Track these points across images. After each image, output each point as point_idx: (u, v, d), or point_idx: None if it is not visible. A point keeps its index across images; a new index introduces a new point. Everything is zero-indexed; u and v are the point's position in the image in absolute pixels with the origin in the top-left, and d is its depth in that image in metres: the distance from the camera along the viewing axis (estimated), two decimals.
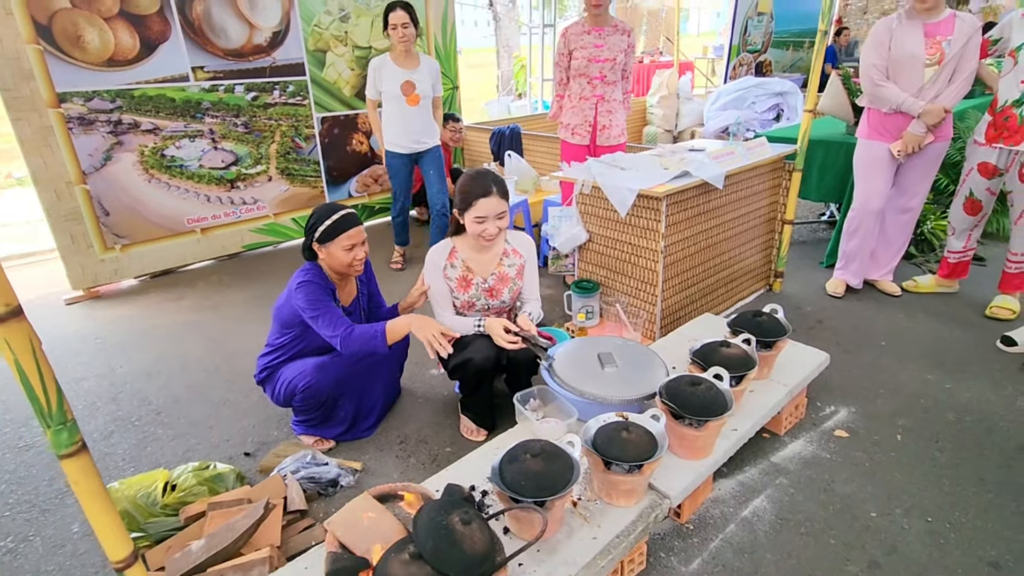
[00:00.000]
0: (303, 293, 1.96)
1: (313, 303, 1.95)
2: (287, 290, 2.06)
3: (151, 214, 3.85)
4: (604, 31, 3.12)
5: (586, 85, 3.22)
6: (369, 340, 1.96)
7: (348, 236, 1.98)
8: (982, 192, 2.84)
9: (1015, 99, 2.58)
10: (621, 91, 3.29)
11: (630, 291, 2.74)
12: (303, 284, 1.97)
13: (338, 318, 1.97)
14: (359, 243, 2.02)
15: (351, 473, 2.01)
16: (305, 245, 2.06)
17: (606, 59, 3.11)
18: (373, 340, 1.96)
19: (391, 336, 1.97)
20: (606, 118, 3.24)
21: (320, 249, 2.01)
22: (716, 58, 10.72)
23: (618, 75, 3.21)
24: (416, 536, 1.10)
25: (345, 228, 1.98)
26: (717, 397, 1.65)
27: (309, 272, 2.02)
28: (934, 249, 3.75)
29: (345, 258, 2.00)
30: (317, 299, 1.96)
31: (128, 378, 2.76)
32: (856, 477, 1.94)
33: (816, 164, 3.58)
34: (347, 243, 1.98)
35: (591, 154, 3.30)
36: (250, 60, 4.02)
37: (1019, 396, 2.33)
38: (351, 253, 2.00)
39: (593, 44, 3.12)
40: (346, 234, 1.98)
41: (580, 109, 3.26)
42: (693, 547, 1.70)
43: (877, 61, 2.77)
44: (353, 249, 2.00)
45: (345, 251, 1.99)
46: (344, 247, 1.98)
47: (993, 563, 1.60)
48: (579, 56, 3.15)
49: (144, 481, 1.83)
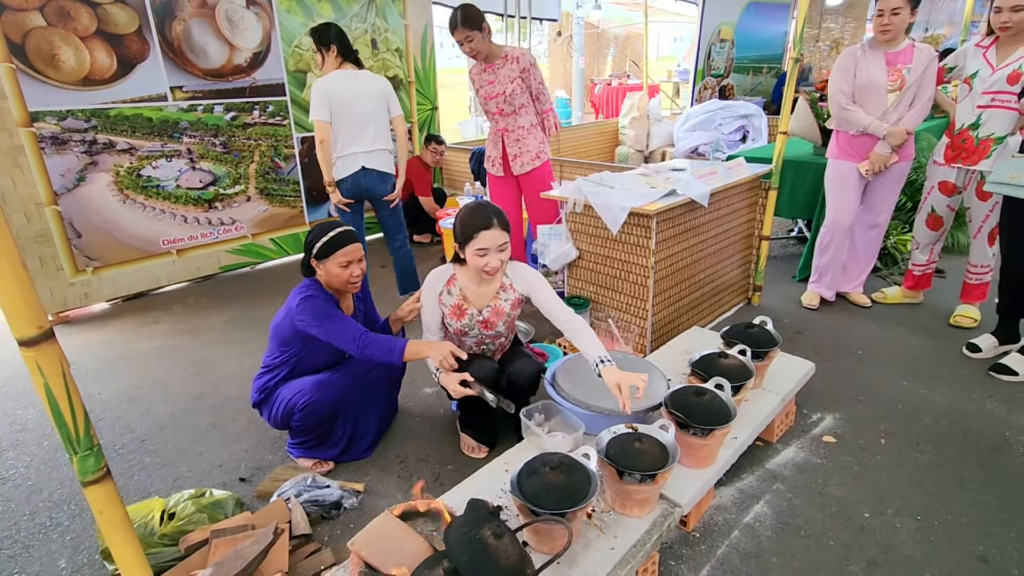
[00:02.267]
0: (308, 307, 1.95)
1: (320, 314, 1.95)
2: (286, 308, 2.05)
3: (125, 236, 3.74)
4: (495, 66, 3.08)
5: (490, 120, 3.24)
6: (387, 351, 1.94)
7: (345, 253, 2.00)
8: (943, 209, 3.03)
9: (971, 123, 2.78)
10: (531, 115, 3.17)
11: (621, 306, 2.80)
12: (306, 299, 1.97)
13: (351, 323, 1.97)
14: (355, 260, 2.04)
15: (354, 495, 1.98)
16: (304, 261, 2.09)
17: (497, 93, 3.07)
18: (391, 353, 1.94)
19: (409, 355, 1.96)
20: (514, 147, 3.19)
21: (318, 266, 2.03)
22: (681, 81, 11.11)
23: (516, 104, 3.10)
24: (450, 551, 1.11)
25: (342, 245, 2.00)
26: (721, 407, 1.71)
27: (310, 287, 2.02)
28: (897, 263, 3.96)
29: (342, 275, 2.02)
30: (323, 310, 1.96)
31: (107, 405, 2.65)
32: (847, 480, 2.02)
33: (788, 183, 3.76)
34: (343, 260, 2.00)
35: (514, 184, 3.32)
36: (230, 80, 3.99)
37: (987, 399, 2.48)
38: (347, 270, 2.02)
39: (487, 81, 3.12)
40: (343, 251, 2.00)
41: (493, 143, 3.29)
42: (701, 554, 1.73)
43: (844, 87, 2.95)
44: (349, 266, 2.02)
45: (341, 268, 2.01)
46: (340, 263, 2.00)
47: (981, 557, 1.69)
48: (480, 94, 3.18)
49: (140, 511, 1.77)
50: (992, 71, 2.68)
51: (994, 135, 2.74)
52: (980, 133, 2.77)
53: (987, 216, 2.87)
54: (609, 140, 7.24)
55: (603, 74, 13.02)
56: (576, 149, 6.60)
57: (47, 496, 2.08)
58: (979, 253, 2.97)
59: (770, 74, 9.28)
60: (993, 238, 2.92)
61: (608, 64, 13.56)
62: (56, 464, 2.25)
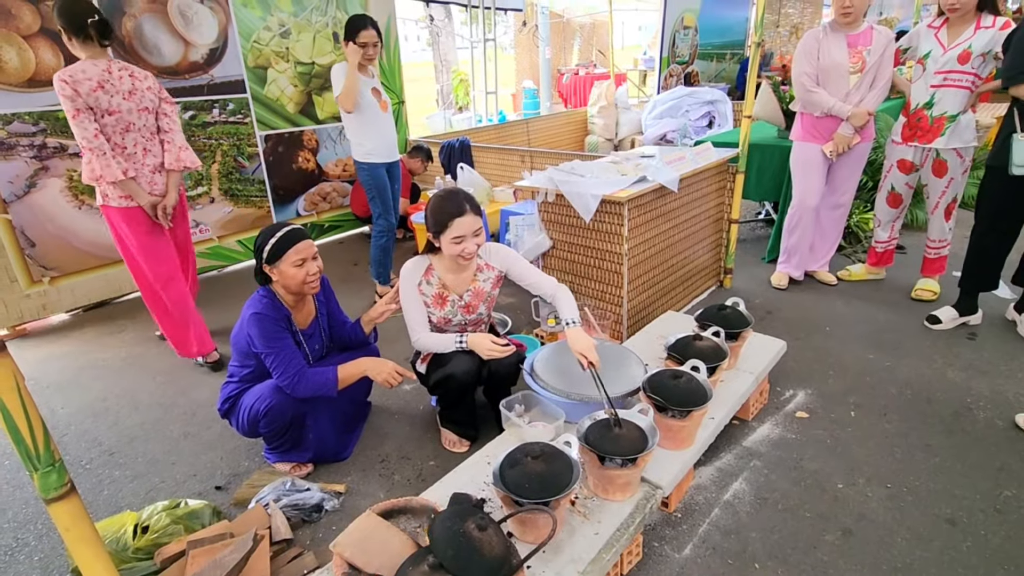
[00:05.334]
0: (256, 327, 1.89)
1: (266, 339, 1.89)
2: (241, 319, 1.98)
3: (82, 243, 3.59)
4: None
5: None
6: (320, 387, 1.93)
7: (296, 251, 1.91)
8: (902, 186, 3.13)
9: (925, 102, 2.87)
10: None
11: (596, 294, 2.82)
12: (254, 316, 1.90)
13: (289, 360, 1.91)
14: (309, 257, 1.94)
15: (335, 496, 1.95)
16: (256, 269, 1.98)
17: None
18: (324, 387, 1.93)
19: (343, 381, 1.96)
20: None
21: (271, 270, 1.93)
22: (647, 69, 11.19)
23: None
24: (435, 546, 1.10)
25: (292, 243, 1.90)
26: (698, 388, 1.74)
27: (261, 302, 1.93)
28: (860, 241, 4.08)
29: (298, 275, 1.92)
30: (269, 335, 1.89)
31: (71, 419, 2.56)
32: (821, 454, 2.08)
33: (754, 166, 3.82)
34: (296, 259, 1.90)
35: None
36: (186, 78, 3.85)
37: (948, 368, 2.57)
38: (303, 269, 1.92)
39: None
40: (294, 249, 1.90)
41: None
42: (683, 534, 1.76)
43: (808, 69, 3.01)
44: (304, 264, 1.93)
45: (296, 268, 1.91)
46: (294, 263, 1.90)
47: (949, 520, 1.76)
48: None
49: (111, 526, 1.71)
50: (944, 51, 2.76)
51: (947, 113, 2.82)
52: (934, 112, 2.86)
53: (943, 192, 2.97)
54: (578, 129, 7.26)
55: (570, 64, 13.03)
56: (546, 139, 6.59)
57: (12, 516, 1.99)
58: (937, 228, 3.07)
59: (733, 60, 9.42)
60: (949, 213, 3.03)
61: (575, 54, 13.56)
62: (19, 483, 2.16)
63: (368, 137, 3.39)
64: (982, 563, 1.61)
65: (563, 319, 1.99)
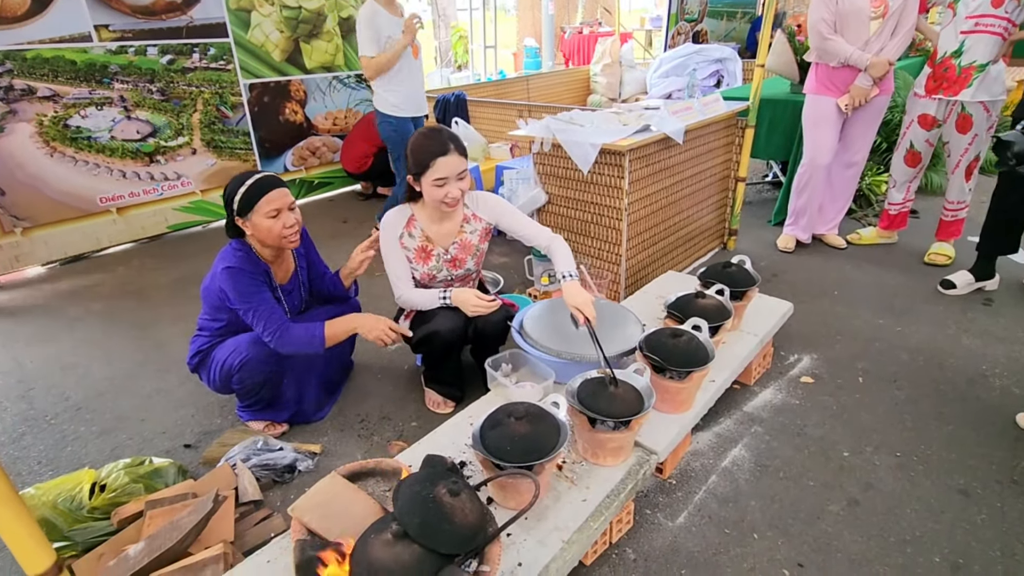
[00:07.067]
0: (229, 282, 1.72)
1: (242, 295, 1.72)
2: (212, 271, 1.80)
3: (55, 193, 3.42)
4: None
5: None
6: (306, 343, 1.78)
7: (268, 200, 1.70)
8: (921, 144, 2.93)
9: (954, 50, 2.65)
10: None
11: (593, 252, 2.66)
12: (228, 271, 1.72)
13: (270, 313, 1.75)
14: (285, 208, 1.74)
15: (309, 457, 1.84)
16: (227, 223, 1.79)
17: None
18: (310, 343, 1.78)
19: (331, 339, 1.80)
20: None
21: (244, 223, 1.74)
22: (653, 29, 10.75)
23: None
24: (399, 512, 0.98)
25: (264, 192, 1.70)
26: (699, 348, 1.60)
27: (236, 255, 1.74)
28: (872, 204, 3.90)
29: (273, 228, 1.72)
30: (246, 290, 1.73)
31: (40, 373, 2.44)
32: (826, 420, 1.96)
33: (764, 122, 3.61)
34: (270, 209, 1.70)
35: None
36: (163, 19, 3.61)
37: (962, 334, 2.44)
38: (278, 221, 1.73)
39: None
40: (266, 198, 1.70)
41: None
42: (678, 501, 1.65)
43: (826, 15, 2.78)
44: (279, 215, 1.73)
45: (270, 219, 1.71)
46: (268, 214, 1.71)
47: (962, 491, 1.65)
48: None
49: (66, 484, 1.60)
50: None
51: (976, 62, 2.62)
52: (962, 61, 2.65)
53: (966, 150, 2.79)
54: (580, 88, 6.96)
55: (573, 21, 12.53)
56: (546, 97, 6.32)
57: None
58: (956, 189, 2.90)
59: (744, 19, 9.01)
60: (970, 173, 2.85)
61: (579, 12, 13.04)
62: None
63: (395, 88, 3.05)
64: (997, 536, 1.50)
65: (559, 272, 1.84)
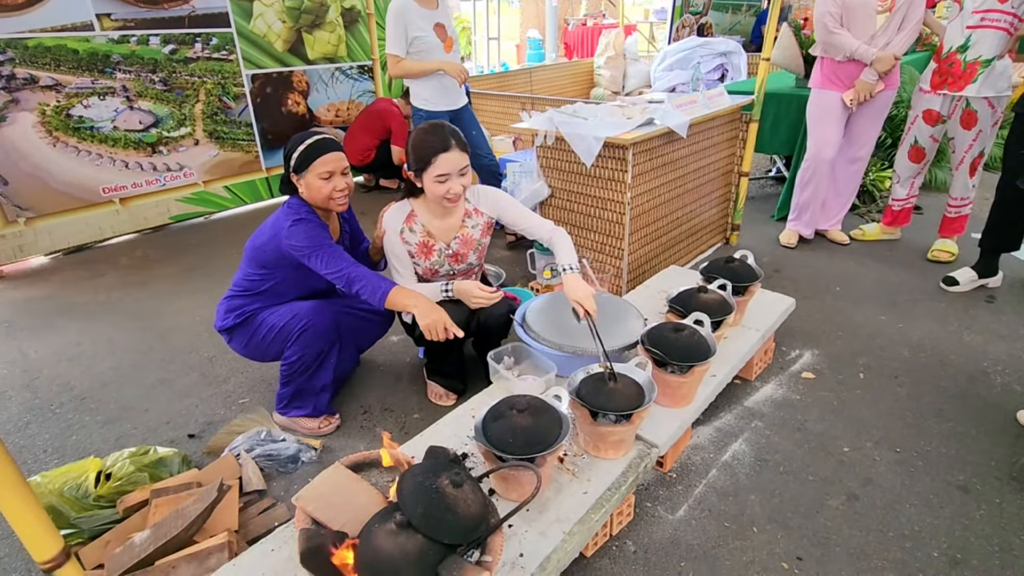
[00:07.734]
0: (300, 232, 1.72)
1: (314, 240, 1.73)
2: (272, 229, 1.80)
3: (58, 183, 3.42)
4: None
5: None
6: (372, 290, 1.73)
7: (324, 162, 1.73)
8: (926, 139, 2.92)
9: (960, 45, 2.64)
10: None
11: (595, 246, 2.66)
12: (298, 222, 1.73)
13: (341, 255, 1.76)
14: (338, 172, 1.76)
15: (312, 448, 1.86)
16: (283, 178, 1.83)
17: None
18: (375, 292, 1.73)
19: (392, 303, 1.75)
20: None
21: (298, 180, 1.77)
22: (657, 22, 10.68)
23: None
24: (403, 502, 0.99)
25: (320, 152, 1.73)
26: (700, 342, 1.61)
27: (301, 209, 1.77)
28: (875, 200, 3.89)
29: (324, 189, 1.75)
30: (318, 236, 1.74)
31: (44, 363, 2.45)
32: (826, 415, 1.97)
33: (769, 117, 3.60)
34: (323, 171, 1.73)
35: None
36: (165, 8, 3.60)
37: (964, 331, 2.44)
38: (330, 183, 1.75)
39: None
40: (322, 160, 1.72)
41: None
42: (678, 495, 1.67)
43: (832, 9, 2.76)
44: (332, 178, 1.75)
45: (323, 180, 1.74)
46: (320, 175, 1.73)
47: (962, 487, 1.66)
48: None
49: (72, 472, 1.61)
50: None
51: (981, 57, 2.60)
52: (968, 56, 2.63)
53: (970, 146, 2.77)
54: (584, 81, 6.93)
55: (578, 13, 12.45)
56: (550, 90, 6.30)
57: None
58: (960, 185, 2.89)
59: (750, 12, 8.95)
60: (975, 169, 2.84)
61: (583, 4, 12.95)
62: None
63: (424, 81, 2.97)
64: (996, 532, 1.51)
65: (560, 264, 1.84)
